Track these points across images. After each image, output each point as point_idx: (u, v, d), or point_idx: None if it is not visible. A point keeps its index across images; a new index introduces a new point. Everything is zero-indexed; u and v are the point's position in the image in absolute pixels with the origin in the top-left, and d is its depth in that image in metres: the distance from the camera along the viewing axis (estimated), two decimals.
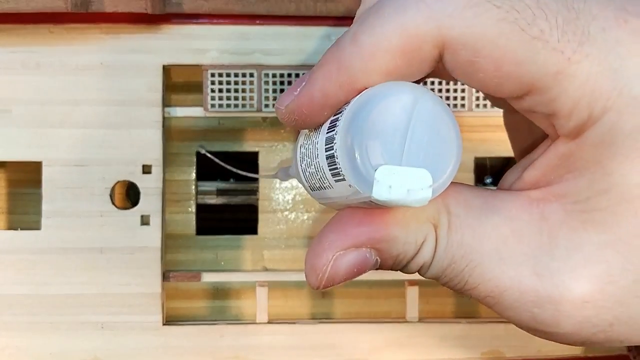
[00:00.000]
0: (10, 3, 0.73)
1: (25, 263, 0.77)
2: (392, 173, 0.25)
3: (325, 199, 0.32)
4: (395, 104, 0.26)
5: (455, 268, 0.30)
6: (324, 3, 0.76)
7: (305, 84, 0.29)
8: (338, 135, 0.26)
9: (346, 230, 0.29)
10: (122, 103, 0.77)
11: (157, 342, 0.78)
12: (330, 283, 0.31)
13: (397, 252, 0.30)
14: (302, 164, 0.32)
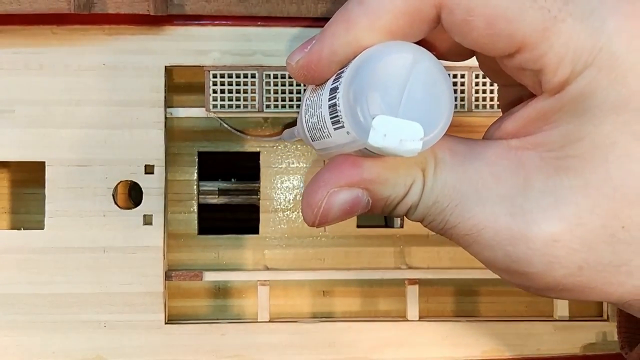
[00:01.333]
0: (14, 4, 0.73)
1: (29, 262, 0.77)
2: (387, 123, 0.27)
3: (324, 149, 0.34)
4: (396, 61, 0.28)
5: (437, 207, 0.32)
6: (325, 4, 0.77)
7: (316, 42, 0.31)
8: (342, 85, 0.28)
9: (341, 170, 0.31)
10: (124, 103, 0.78)
11: (159, 341, 0.79)
12: (325, 219, 0.32)
13: (387, 193, 0.32)
14: (306, 115, 0.34)
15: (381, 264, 0.89)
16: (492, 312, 0.91)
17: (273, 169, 0.89)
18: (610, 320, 0.84)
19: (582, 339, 0.84)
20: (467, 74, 0.78)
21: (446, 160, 0.31)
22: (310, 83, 0.34)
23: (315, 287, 0.89)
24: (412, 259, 0.89)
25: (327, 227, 0.89)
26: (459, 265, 0.89)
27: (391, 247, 0.89)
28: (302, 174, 0.89)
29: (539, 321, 0.84)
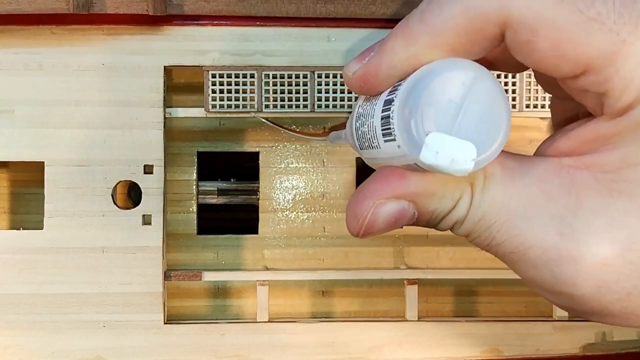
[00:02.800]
0: (13, 4, 0.73)
1: (28, 262, 0.77)
2: (441, 141, 0.26)
3: (371, 159, 0.34)
4: (455, 78, 0.27)
5: (484, 223, 0.31)
6: (324, 5, 0.77)
7: (374, 54, 0.31)
8: (397, 99, 0.28)
9: (388, 182, 0.31)
10: (123, 104, 0.78)
11: (159, 341, 0.79)
12: (369, 230, 0.32)
13: (434, 207, 0.31)
14: (357, 122, 0.33)
15: (380, 264, 0.89)
16: (492, 312, 0.91)
17: (272, 169, 0.89)
18: None
19: (581, 339, 0.84)
20: None
21: (496, 175, 0.30)
22: (366, 94, 0.33)
23: (315, 287, 0.89)
24: (412, 259, 0.89)
25: (326, 227, 0.89)
26: (458, 265, 0.89)
27: (390, 247, 0.89)
28: (302, 174, 0.89)
29: (538, 321, 0.84)
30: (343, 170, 0.89)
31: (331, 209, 0.89)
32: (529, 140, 0.89)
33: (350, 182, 0.89)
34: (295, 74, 0.78)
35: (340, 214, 0.89)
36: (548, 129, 0.89)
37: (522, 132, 0.88)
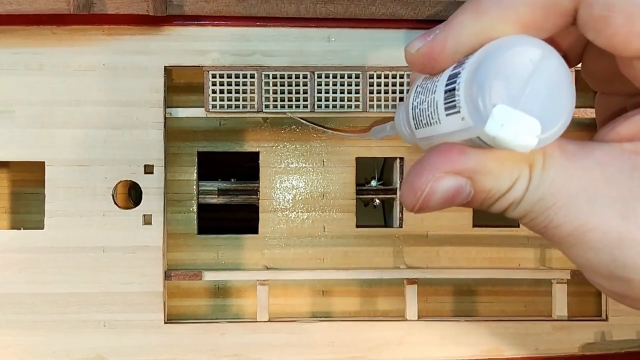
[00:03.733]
0: (14, 5, 0.73)
1: (28, 262, 0.78)
2: (507, 113, 0.26)
3: (427, 138, 0.34)
4: (524, 54, 0.27)
5: (542, 205, 0.30)
6: (324, 5, 0.77)
7: (441, 31, 0.31)
8: (465, 71, 0.28)
9: (448, 155, 0.30)
10: (124, 104, 0.78)
11: (159, 340, 0.79)
12: (425, 205, 0.31)
13: (490, 186, 0.30)
14: (415, 101, 0.33)
15: (380, 263, 0.89)
16: (491, 312, 0.91)
17: (272, 169, 0.89)
18: (608, 320, 0.84)
19: (581, 338, 0.84)
20: None
21: (555, 157, 0.30)
22: (428, 72, 0.33)
23: (315, 286, 0.89)
24: (411, 259, 0.89)
25: (326, 227, 0.89)
26: (457, 265, 0.89)
27: (390, 247, 0.89)
28: (302, 174, 0.89)
29: (538, 321, 0.84)
30: (343, 170, 0.89)
31: (331, 208, 0.89)
32: None
33: (350, 182, 0.89)
34: (295, 74, 0.78)
35: (340, 214, 0.89)
36: None
37: None
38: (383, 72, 0.79)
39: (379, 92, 0.79)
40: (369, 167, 0.95)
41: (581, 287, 0.90)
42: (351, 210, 0.89)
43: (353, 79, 0.78)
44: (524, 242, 0.91)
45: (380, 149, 0.89)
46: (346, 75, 0.78)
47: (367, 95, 0.79)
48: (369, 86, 0.78)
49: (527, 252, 0.91)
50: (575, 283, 0.87)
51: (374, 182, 0.92)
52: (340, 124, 0.88)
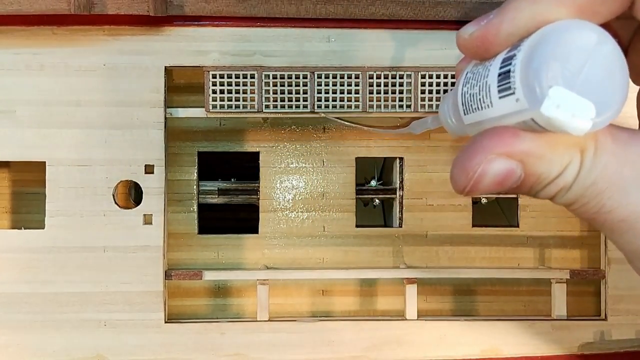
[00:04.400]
0: (14, 5, 0.74)
1: (29, 262, 0.78)
2: (563, 95, 0.26)
3: (476, 123, 0.34)
4: (580, 38, 0.27)
5: (595, 190, 0.30)
6: (324, 5, 0.77)
7: (495, 15, 0.31)
8: (521, 53, 0.28)
9: (500, 137, 0.30)
10: (124, 104, 0.78)
11: (159, 340, 0.79)
12: (476, 187, 0.31)
13: (541, 170, 0.30)
14: (465, 87, 0.34)
15: (380, 263, 0.89)
16: (491, 312, 0.91)
17: (272, 168, 0.89)
18: (608, 320, 0.85)
19: (580, 338, 0.84)
20: None
21: (607, 143, 0.30)
22: (480, 56, 0.33)
23: (314, 286, 0.90)
24: (411, 259, 0.89)
25: (325, 227, 0.89)
26: (457, 264, 0.89)
27: (390, 246, 0.90)
28: (302, 173, 0.90)
29: (537, 320, 0.85)
30: (343, 170, 0.89)
31: (331, 208, 0.89)
32: None
33: (350, 182, 0.89)
34: (295, 74, 0.78)
35: (340, 214, 0.89)
36: None
37: None
38: (383, 72, 0.79)
39: (378, 92, 0.79)
40: (369, 167, 0.95)
41: (580, 287, 0.90)
42: (351, 210, 0.89)
43: (353, 79, 0.79)
44: (523, 242, 0.91)
45: (380, 149, 0.89)
46: (346, 75, 0.79)
47: (367, 95, 0.79)
48: (368, 86, 0.79)
49: (526, 252, 0.91)
50: (575, 283, 0.87)
51: (373, 182, 0.92)
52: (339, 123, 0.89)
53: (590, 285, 0.91)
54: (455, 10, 0.78)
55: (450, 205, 0.89)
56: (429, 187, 0.89)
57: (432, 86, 0.79)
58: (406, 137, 0.89)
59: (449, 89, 0.79)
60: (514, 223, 0.91)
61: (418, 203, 0.89)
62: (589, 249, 0.91)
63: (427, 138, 0.89)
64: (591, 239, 0.90)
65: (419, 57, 0.80)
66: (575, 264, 0.91)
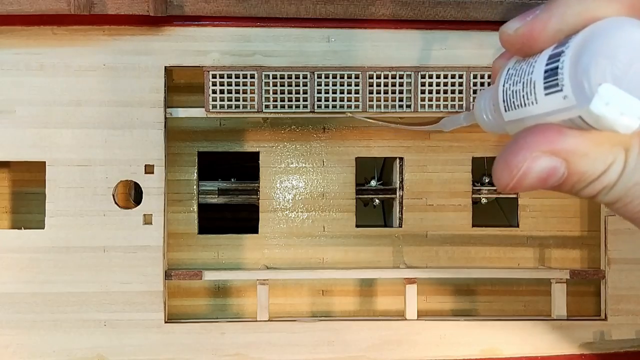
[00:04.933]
0: (14, 5, 0.74)
1: (29, 262, 0.78)
2: (612, 93, 0.26)
3: (518, 120, 0.34)
4: (631, 35, 0.27)
5: (638, 189, 0.30)
6: (324, 5, 0.77)
7: (542, 10, 0.31)
8: (570, 50, 0.28)
9: (546, 135, 0.30)
10: (124, 104, 0.78)
11: (159, 340, 0.79)
12: (519, 184, 0.31)
13: (585, 168, 0.30)
14: (506, 84, 0.34)
15: (380, 263, 0.89)
16: (491, 312, 0.91)
17: (272, 169, 0.89)
18: (608, 320, 0.85)
19: (580, 338, 0.84)
20: (465, 74, 0.79)
21: None
22: (524, 52, 0.33)
23: (314, 286, 0.90)
24: (411, 259, 0.89)
25: (325, 227, 0.89)
26: (457, 264, 0.89)
27: (390, 246, 0.90)
28: (301, 174, 0.90)
29: (537, 320, 0.85)
30: (342, 170, 0.89)
31: (331, 208, 0.89)
32: None
33: (350, 182, 0.89)
34: (295, 74, 0.78)
35: (340, 214, 0.89)
36: None
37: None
38: (383, 72, 0.79)
39: (378, 92, 0.79)
40: (369, 167, 0.95)
41: (580, 287, 0.90)
42: (351, 210, 0.89)
43: (353, 79, 0.79)
44: (523, 242, 0.91)
45: (380, 149, 0.89)
46: (346, 75, 0.79)
47: (367, 95, 0.79)
48: (368, 86, 0.79)
49: (526, 252, 0.91)
50: (575, 283, 0.87)
51: (373, 182, 0.92)
52: (340, 123, 0.89)
53: (590, 285, 0.91)
54: (455, 10, 0.78)
55: (450, 205, 0.89)
56: (429, 187, 0.89)
57: (432, 86, 0.79)
58: (406, 137, 0.89)
59: (448, 88, 0.79)
60: (514, 223, 0.91)
61: (418, 203, 0.89)
62: (589, 249, 0.91)
63: (427, 138, 0.89)
64: (591, 239, 0.91)
65: (419, 57, 0.80)
66: (575, 264, 0.91)
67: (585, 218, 0.91)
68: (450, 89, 0.79)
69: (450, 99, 0.79)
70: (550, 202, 0.90)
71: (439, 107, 0.79)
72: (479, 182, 0.93)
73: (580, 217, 0.91)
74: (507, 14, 0.79)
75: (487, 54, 0.80)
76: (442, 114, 0.79)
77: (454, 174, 0.89)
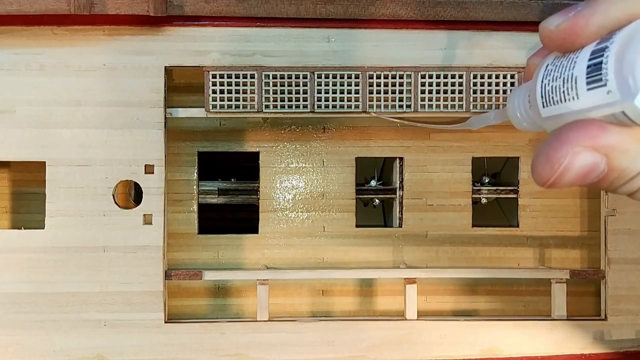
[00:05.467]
0: (14, 5, 0.74)
1: (29, 262, 0.78)
2: None
3: (556, 116, 0.34)
4: None
5: None
6: (324, 5, 0.77)
7: (586, 6, 0.31)
8: (615, 45, 0.28)
9: (589, 130, 0.30)
10: (124, 104, 0.78)
11: (159, 340, 0.79)
12: (560, 179, 0.30)
13: (625, 164, 0.30)
14: (545, 80, 0.34)
15: (380, 263, 0.89)
16: (491, 312, 0.91)
17: (272, 169, 0.89)
18: (608, 320, 0.85)
19: (580, 338, 0.84)
20: (465, 74, 0.79)
21: None
22: (565, 48, 0.33)
23: (314, 286, 0.90)
24: (411, 259, 0.89)
25: (325, 227, 0.89)
26: (457, 264, 0.89)
27: (390, 246, 0.90)
28: (301, 174, 0.90)
29: (537, 320, 0.85)
30: (343, 170, 0.89)
31: (331, 208, 0.89)
32: (528, 139, 0.90)
33: (350, 182, 0.89)
34: (295, 74, 0.78)
35: (340, 214, 0.89)
36: None
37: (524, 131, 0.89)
38: (383, 72, 0.79)
39: (378, 92, 0.79)
40: (369, 167, 0.95)
41: (580, 287, 0.90)
42: (351, 210, 0.89)
43: (353, 79, 0.79)
44: (523, 242, 0.91)
45: (380, 149, 0.89)
46: (346, 75, 0.79)
47: (367, 95, 0.79)
48: (368, 86, 0.79)
49: (526, 252, 0.91)
50: (575, 283, 0.87)
51: (373, 182, 0.92)
52: (340, 123, 0.89)
53: (590, 285, 0.91)
54: (455, 10, 0.78)
55: (450, 205, 0.89)
56: (429, 187, 0.89)
57: (432, 86, 0.79)
58: (406, 137, 0.89)
59: (448, 88, 0.79)
60: (514, 223, 0.91)
61: (418, 203, 0.89)
62: (589, 249, 0.91)
63: (427, 138, 0.89)
64: (591, 239, 0.91)
65: (419, 57, 0.80)
66: (575, 264, 0.91)
67: (585, 218, 0.91)
68: (450, 89, 0.79)
69: (450, 99, 0.79)
70: (550, 202, 0.90)
71: (438, 107, 0.79)
72: (479, 182, 0.93)
73: (580, 217, 0.91)
74: (506, 14, 0.79)
75: (487, 54, 0.80)
76: (442, 114, 0.79)
77: (454, 174, 0.89)
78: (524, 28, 0.80)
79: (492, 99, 0.79)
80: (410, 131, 0.89)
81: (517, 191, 0.90)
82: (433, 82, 0.79)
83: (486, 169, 0.94)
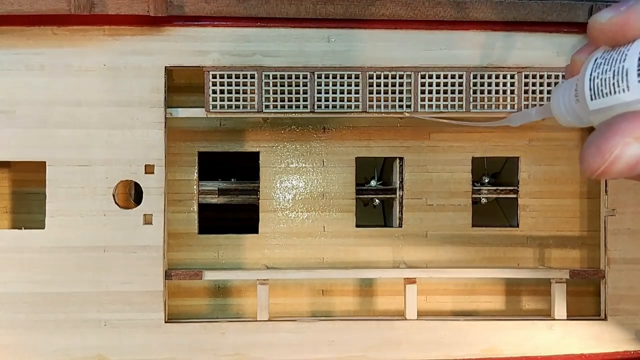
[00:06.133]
0: (14, 5, 0.74)
1: (29, 262, 0.78)
2: None
3: (606, 108, 0.34)
4: None
5: None
6: (324, 5, 0.77)
7: (637, 1, 0.31)
8: None
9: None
10: (124, 104, 0.79)
11: (159, 340, 0.79)
12: (609, 170, 0.30)
13: None
14: (594, 72, 0.34)
15: (380, 263, 0.89)
16: (491, 312, 0.91)
17: (272, 168, 0.89)
18: (607, 320, 0.85)
19: (580, 338, 0.84)
20: (465, 74, 0.79)
21: None
22: (615, 42, 0.33)
23: (314, 286, 0.90)
24: (411, 258, 0.90)
25: (325, 227, 0.89)
26: (457, 264, 0.89)
27: (390, 246, 0.90)
28: (301, 173, 0.90)
29: (538, 320, 0.85)
30: (343, 170, 0.89)
31: (331, 208, 0.89)
32: (528, 139, 0.90)
33: (350, 182, 0.89)
34: (295, 74, 0.78)
35: (340, 214, 0.89)
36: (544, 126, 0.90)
37: (524, 131, 0.89)
38: (382, 72, 0.79)
39: (378, 92, 0.79)
40: (369, 167, 0.95)
41: (580, 287, 0.90)
42: (351, 210, 0.89)
43: (353, 79, 0.79)
44: (523, 242, 0.91)
45: (380, 149, 0.89)
46: (346, 75, 0.79)
47: (367, 95, 0.79)
48: (368, 86, 0.79)
49: (526, 252, 0.91)
50: (575, 283, 0.87)
51: (373, 182, 0.92)
52: (340, 123, 0.89)
53: (590, 285, 0.91)
54: (455, 10, 0.78)
55: (450, 205, 0.89)
56: (429, 187, 0.89)
57: (432, 86, 0.79)
58: (406, 137, 0.89)
59: (448, 88, 0.79)
60: (514, 223, 0.91)
61: (418, 203, 0.89)
62: (589, 249, 0.91)
63: (427, 138, 0.89)
64: (591, 239, 0.91)
65: (419, 57, 0.80)
66: (575, 264, 0.91)
67: (585, 218, 0.91)
68: (450, 89, 0.79)
69: (450, 99, 0.79)
70: (550, 202, 0.90)
71: (438, 107, 0.79)
72: (479, 182, 0.93)
73: (580, 217, 0.91)
74: (506, 14, 0.79)
75: (487, 54, 0.80)
76: (442, 114, 0.79)
77: (454, 174, 0.89)
78: (524, 28, 0.80)
79: (492, 99, 0.79)
80: (410, 131, 0.89)
81: (517, 191, 0.90)
82: (433, 82, 0.79)
83: (486, 169, 0.94)
